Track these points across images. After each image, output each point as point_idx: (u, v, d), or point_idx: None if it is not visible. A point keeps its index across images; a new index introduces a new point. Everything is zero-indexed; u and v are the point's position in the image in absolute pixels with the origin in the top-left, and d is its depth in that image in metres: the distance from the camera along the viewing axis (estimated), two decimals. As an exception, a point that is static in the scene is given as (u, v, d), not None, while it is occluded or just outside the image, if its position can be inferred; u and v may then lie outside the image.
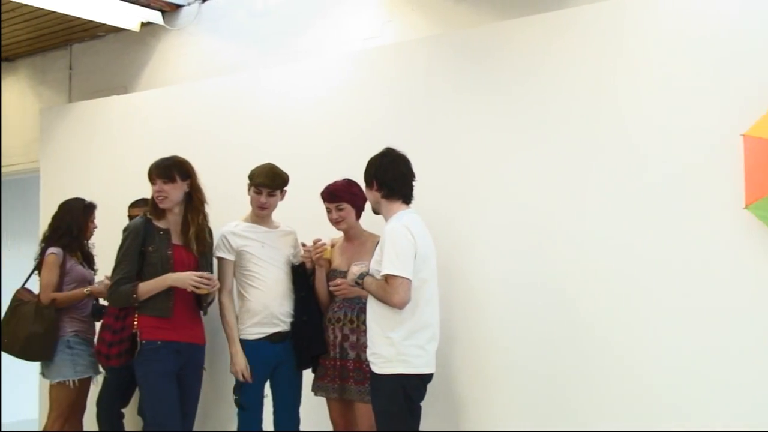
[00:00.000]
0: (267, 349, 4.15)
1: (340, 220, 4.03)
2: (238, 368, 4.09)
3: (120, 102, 5.78)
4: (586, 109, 3.78)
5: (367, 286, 3.63)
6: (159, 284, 4.03)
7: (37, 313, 4.68)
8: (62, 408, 4.79)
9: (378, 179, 3.68)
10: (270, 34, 5.39)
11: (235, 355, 4.12)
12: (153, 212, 4.15)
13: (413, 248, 3.53)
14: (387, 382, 3.56)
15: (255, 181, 4.15)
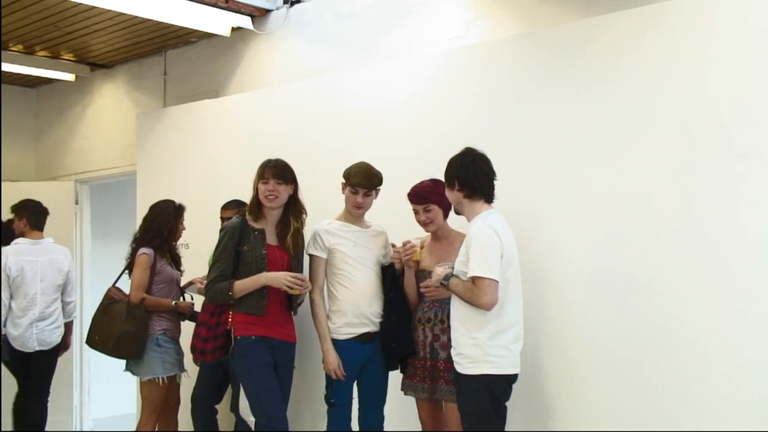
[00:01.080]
0: (356, 348, 4.17)
1: (429, 222, 4.02)
2: (330, 366, 4.12)
3: (212, 106, 5.90)
4: (678, 107, 3.68)
5: (453, 288, 3.62)
6: (254, 283, 4.11)
7: (129, 312, 4.79)
8: (154, 404, 4.90)
9: (460, 179, 3.67)
10: (356, 37, 5.41)
11: (327, 352, 4.14)
12: (253, 212, 4.22)
13: (499, 249, 3.52)
14: (472, 383, 3.56)
15: (351, 181, 4.17)
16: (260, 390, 4.10)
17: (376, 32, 5.31)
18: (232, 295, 4.11)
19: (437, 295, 3.90)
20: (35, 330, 5.64)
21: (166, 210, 5.01)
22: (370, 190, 4.19)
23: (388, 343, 4.17)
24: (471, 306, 3.55)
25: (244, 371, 4.15)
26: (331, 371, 4.12)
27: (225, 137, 5.64)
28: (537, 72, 4.17)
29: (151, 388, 4.87)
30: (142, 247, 4.91)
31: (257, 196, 4.19)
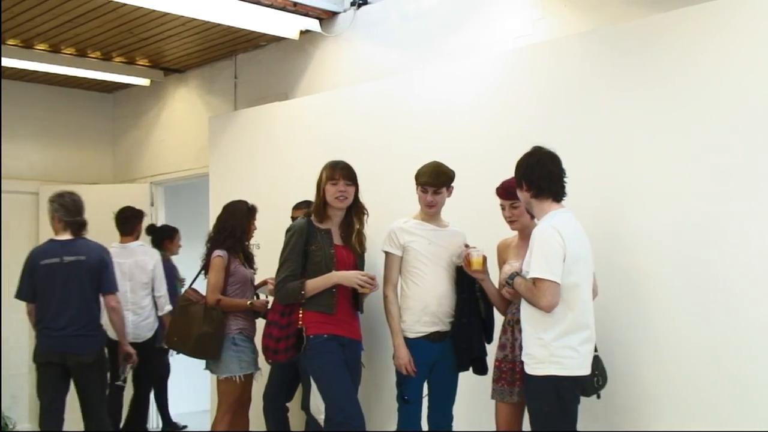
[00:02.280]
0: (426, 347, 4.17)
1: (514, 219, 4.00)
2: (401, 362, 4.13)
3: (282, 108, 5.97)
4: (751, 105, 3.59)
5: (517, 287, 3.61)
6: (325, 281, 4.17)
7: (206, 313, 4.86)
8: (230, 402, 4.97)
9: (527, 179, 3.63)
10: (422, 37, 5.43)
11: (399, 347, 4.15)
12: (319, 213, 4.28)
13: (562, 250, 3.47)
14: (539, 383, 3.53)
15: (420, 181, 4.19)
16: (336, 388, 4.14)
17: (442, 32, 5.32)
18: (304, 294, 4.16)
19: (514, 296, 3.87)
20: (130, 325, 5.81)
21: (239, 210, 5.09)
22: (439, 188, 4.19)
23: (459, 344, 4.18)
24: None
25: (318, 370, 4.19)
26: (402, 367, 4.13)
27: (294, 139, 5.71)
28: (605, 70, 4.13)
29: (228, 386, 4.94)
30: (217, 249, 4.98)
31: (324, 197, 4.24)
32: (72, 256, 5.04)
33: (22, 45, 6.62)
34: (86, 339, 5.02)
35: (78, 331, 4.98)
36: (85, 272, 5.05)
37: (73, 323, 4.98)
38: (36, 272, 5.04)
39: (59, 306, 4.98)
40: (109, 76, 7.43)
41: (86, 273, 5.05)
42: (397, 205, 4.55)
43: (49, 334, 4.99)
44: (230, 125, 6.31)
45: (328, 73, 6.11)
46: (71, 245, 5.07)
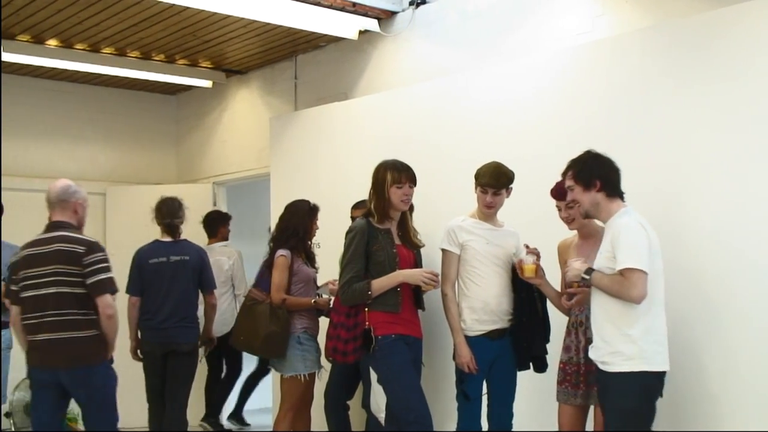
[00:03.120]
0: (485, 345, 4.18)
1: (571, 219, 3.97)
2: (463, 360, 4.14)
3: (341, 108, 6.00)
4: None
5: (597, 282, 3.53)
6: (391, 281, 4.18)
7: (272, 312, 4.90)
8: (293, 400, 5.00)
9: (602, 178, 3.56)
10: (481, 36, 5.40)
11: (460, 346, 4.16)
12: (381, 214, 4.27)
13: (648, 242, 3.44)
14: (627, 380, 3.46)
15: (481, 181, 4.19)
16: (407, 388, 4.15)
17: (501, 30, 5.29)
18: (371, 295, 4.17)
19: (582, 298, 3.82)
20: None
21: (301, 210, 5.12)
22: (499, 189, 4.18)
23: (519, 343, 4.17)
24: (620, 302, 3.46)
25: (387, 371, 4.20)
26: (463, 365, 4.14)
27: (353, 138, 5.74)
28: (667, 66, 4.06)
29: (292, 385, 4.98)
30: (280, 249, 5.02)
31: (389, 198, 4.24)
32: (177, 256, 5.47)
33: (90, 49, 6.79)
34: (185, 330, 5.45)
35: (178, 323, 5.40)
36: (189, 271, 5.47)
37: (174, 316, 5.39)
38: (144, 270, 5.45)
39: (164, 300, 5.39)
40: (173, 79, 7.57)
41: (189, 271, 5.47)
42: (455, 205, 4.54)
43: (152, 326, 5.40)
44: (290, 125, 6.37)
45: (386, 73, 6.13)
46: (175, 246, 5.51)
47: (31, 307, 4.21)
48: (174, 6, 5.72)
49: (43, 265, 4.17)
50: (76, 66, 7.01)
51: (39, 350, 4.20)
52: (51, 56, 6.73)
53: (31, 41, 6.51)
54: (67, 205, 4.35)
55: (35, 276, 4.18)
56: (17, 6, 5.70)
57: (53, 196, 4.33)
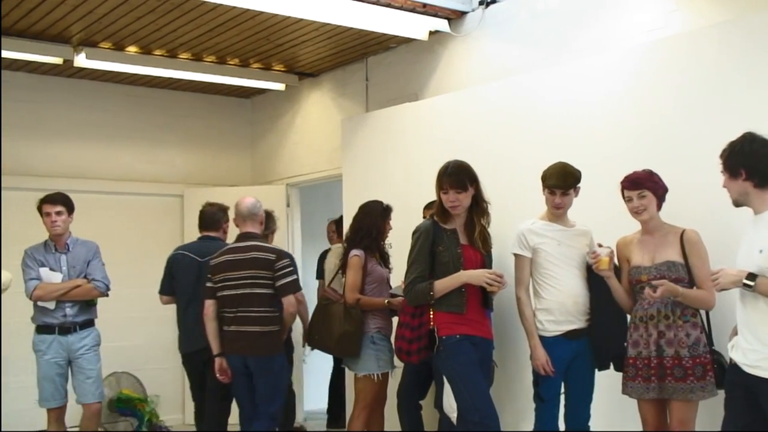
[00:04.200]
0: (563, 345, 4.16)
1: (642, 209, 3.91)
2: (539, 362, 4.12)
3: (412, 109, 6.02)
4: None
5: (763, 288, 3.26)
6: (454, 281, 4.19)
7: (346, 312, 4.96)
8: (367, 399, 5.06)
9: (747, 167, 3.36)
10: (552, 34, 5.36)
11: (535, 348, 4.15)
12: (440, 215, 4.31)
13: None
14: None
15: (548, 183, 4.18)
16: (471, 388, 4.15)
17: (572, 28, 5.24)
18: (433, 295, 4.19)
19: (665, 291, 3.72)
20: None
21: (375, 210, 5.17)
22: (567, 190, 4.16)
23: (598, 343, 4.14)
24: None
25: (452, 371, 4.21)
26: (539, 367, 4.12)
27: (424, 139, 5.75)
28: (745, 61, 3.97)
29: (366, 384, 5.04)
30: (354, 249, 5.07)
31: (442, 203, 4.27)
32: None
33: (167, 55, 6.97)
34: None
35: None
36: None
37: None
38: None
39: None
40: (247, 82, 7.69)
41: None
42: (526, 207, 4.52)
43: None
44: (362, 127, 6.42)
45: (457, 73, 6.13)
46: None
47: (227, 304, 4.92)
48: (248, 11, 5.83)
49: (241, 269, 4.88)
50: (155, 71, 7.19)
51: (231, 339, 4.90)
52: (131, 62, 6.91)
53: (112, 48, 6.71)
54: (255, 218, 5.09)
55: (233, 278, 4.89)
56: (99, 15, 5.89)
57: (245, 210, 5.05)
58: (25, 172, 7.24)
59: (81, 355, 5.34)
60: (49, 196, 5.35)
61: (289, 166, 8.09)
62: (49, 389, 5.30)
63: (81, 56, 6.60)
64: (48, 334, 5.30)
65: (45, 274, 5.29)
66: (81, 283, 5.32)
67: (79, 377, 5.36)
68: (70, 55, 6.64)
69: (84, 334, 5.37)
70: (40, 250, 5.37)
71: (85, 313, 5.38)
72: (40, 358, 5.30)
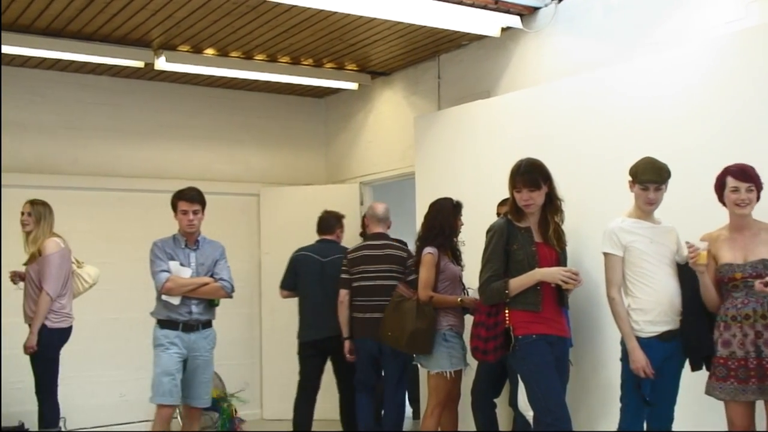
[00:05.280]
0: (656, 347, 4.06)
1: (748, 202, 3.83)
2: (638, 365, 4.00)
3: (484, 106, 6.00)
4: None
5: None
6: (529, 279, 4.18)
7: (419, 309, 5.00)
8: (440, 397, 5.08)
9: None
10: (626, 28, 5.27)
11: (634, 350, 4.03)
12: (514, 214, 4.30)
13: None
14: None
15: (641, 178, 4.08)
16: (545, 389, 4.13)
17: (647, 22, 5.15)
18: (508, 294, 4.18)
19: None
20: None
21: (446, 208, 5.19)
22: (661, 184, 4.08)
23: (690, 342, 4.05)
24: None
25: (527, 370, 4.21)
26: (639, 370, 4.01)
27: (497, 136, 5.73)
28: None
29: (439, 381, 5.06)
30: (427, 246, 5.11)
31: (515, 201, 4.26)
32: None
33: (244, 56, 7.10)
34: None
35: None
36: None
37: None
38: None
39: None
40: (321, 82, 7.77)
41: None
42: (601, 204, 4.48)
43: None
44: (434, 124, 6.43)
45: (529, 70, 6.08)
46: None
47: (363, 293, 5.66)
48: (322, 12, 5.90)
49: (377, 263, 5.64)
50: (231, 73, 7.33)
51: (367, 326, 5.55)
52: (208, 65, 7.06)
53: (190, 51, 6.88)
54: (386, 222, 5.91)
55: (370, 271, 5.65)
56: (178, 19, 6.04)
57: (380, 214, 5.91)
58: (109, 173, 7.49)
59: (199, 356, 5.20)
60: (187, 194, 5.21)
61: (362, 164, 8.16)
62: (167, 385, 5.09)
63: (161, 59, 6.78)
64: (171, 330, 5.14)
65: (175, 268, 5.16)
66: (209, 281, 5.21)
67: (193, 378, 5.21)
68: (151, 59, 6.83)
69: (205, 334, 5.24)
70: (170, 243, 5.23)
71: (208, 312, 5.26)
72: (163, 351, 5.11)
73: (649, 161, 4.10)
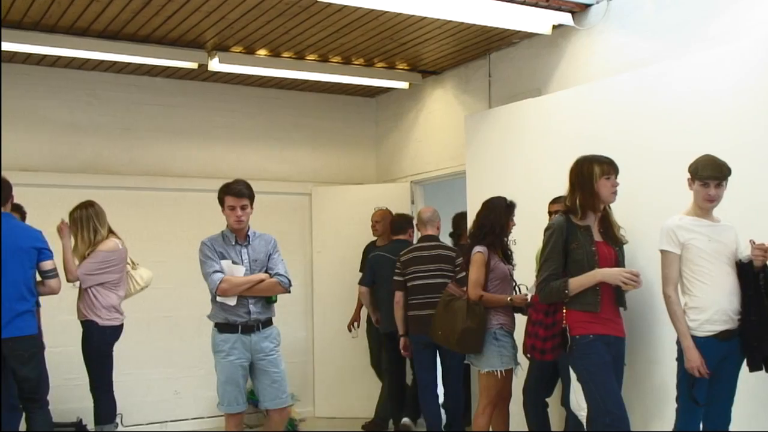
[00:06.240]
0: (714, 346, 4.00)
1: None
2: (693, 364, 3.97)
3: (535, 104, 5.97)
4: None
5: None
6: (589, 279, 4.15)
7: (469, 308, 5.00)
8: (491, 396, 5.08)
9: None
10: (679, 24, 5.18)
11: (690, 349, 3.99)
12: (586, 209, 4.24)
13: None
14: None
15: (702, 175, 4.03)
16: (603, 390, 4.11)
17: (701, 17, 5.05)
18: (568, 293, 4.16)
19: None
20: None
21: (498, 207, 5.18)
22: (721, 180, 4.03)
23: (750, 343, 3.98)
24: None
25: (584, 371, 4.19)
26: (693, 369, 3.97)
27: (548, 134, 5.70)
28: None
29: (490, 380, 5.06)
30: (477, 245, 5.11)
31: (597, 192, 4.21)
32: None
33: (295, 57, 7.16)
34: None
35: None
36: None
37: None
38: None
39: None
40: (372, 81, 7.80)
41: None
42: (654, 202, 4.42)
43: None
44: (485, 123, 6.41)
45: (580, 67, 6.02)
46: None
47: (417, 292, 5.96)
48: (373, 11, 5.92)
49: (429, 263, 5.94)
50: (283, 73, 7.39)
51: (420, 322, 5.83)
52: (261, 65, 7.13)
53: (243, 52, 6.96)
54: (435, 224, 6.20)
55: (422, 271, 5.96)
56: (231, 20, 6.12)
57: (427, 218, 6.21)
58: (163, 173, 7.62)
59: (264, 357, 4.98)
60: (234, 188, 4.99)
61: (413, 163, 8.16)
62: (232, 393, 4.93)
63: (214, 61, 6.87)
64: (231, 333, 4.93)
65: (228, 267, 4.94)
66: (265, 278, 4.98)
67: (264, 381, 5.01)
68: (204, 60, 6.93)
69: (266, 333, 5.02)
70: (219, 241, 5.01)
71: (267, 310, 5.05)
72: (223, 359, 4.93)
73: (710, 158, 4.04)
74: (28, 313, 4.98)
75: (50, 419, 5.16)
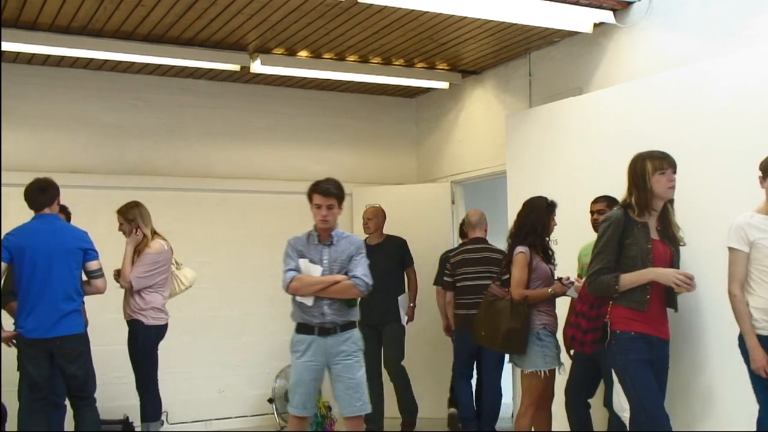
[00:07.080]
0: None
1: None
2: (759, 364, 3.91)
3: (576, 103, 5.94)
4: None
5: None
6: (641, 277, 4.09)
7: (513, 309, 4.98)
8: (534, 396, 5.06)
9: None
10: (725, 20, 5.12)
11: (754, 349, 3.93)
12: (642, 206, 4.16)
13: None
14: None
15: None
16: (640, 387, 4.07)
17: (745, 14, 4.99)
18: (618, 289, 4.10)
19: None
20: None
21: (539, 206, 5.15)
22: None
23: None
24: None
25: (622, 367, 4.15)
26: (759, 369, 3.92)
27: (589, 134, 5.66)
28: None
29: (533, 380, 5.04)
30: (518, 245, 5.09)
31: (652, 188, 4.13)
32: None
33: (336, 58, 7.20)
34: None
35: None
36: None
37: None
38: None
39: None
40: (412, 82, 7.81)
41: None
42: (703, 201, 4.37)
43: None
44: (526, 122, 6.39)
45: (622, 66, 5.98)
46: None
47: (466, 292, 6.32)
48: (413, 11, 5.94)
49: (478, 265, 6.31)
50: (324, 74, 7.43)
51: (465, 320, 6.18)
52: (302, 67, 7.19)
53: (285, 54, 7.02)
54: (482, 226, 6.53)
55: (471, 272, 6.33)
56: (272, 22, 6.18)
57: (475, 221, 6.53)
58: (207, 175, 7.72)
59: (339, 362, 4.79)
60: (322, 186, 4.85)
61: (453, 163, 8.16)
62: (300, 396, 4.81)
63: (256, 63, 6.94)
64: (307, 334, 4.82)
65: (304, 265, 4.83)
66: (341, 279, 4.78)
67: (338, 386, 4.83)
68: (247, 62, 7.00)
69: (345, 337, 4.82)
70: (302, 240, 4.91)
71: (345, 313, 4.84)
72: (297, 359, 4.83)
73: None
74: (75, 312, 5.12)
75: (98, 416, 5.27)
